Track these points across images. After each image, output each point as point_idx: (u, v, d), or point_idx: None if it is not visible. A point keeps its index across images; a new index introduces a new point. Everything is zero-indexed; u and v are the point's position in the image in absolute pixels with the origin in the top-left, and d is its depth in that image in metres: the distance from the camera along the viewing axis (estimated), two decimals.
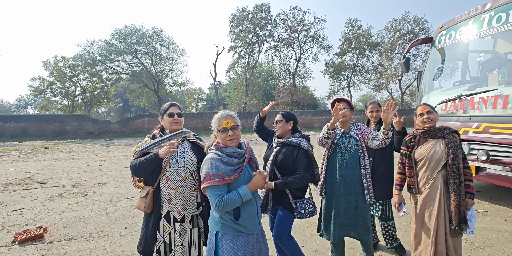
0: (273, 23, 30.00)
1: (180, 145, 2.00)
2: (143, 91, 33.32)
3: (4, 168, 8.32)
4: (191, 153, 1.99)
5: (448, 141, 2.12)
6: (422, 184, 2.19)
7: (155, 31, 29.95)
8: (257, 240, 1.70)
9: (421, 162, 2.20)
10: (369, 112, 2.87)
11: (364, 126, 2.51)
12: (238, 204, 1.53)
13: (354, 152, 2.39)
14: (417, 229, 2.21)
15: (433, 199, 2.12)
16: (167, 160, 1.90)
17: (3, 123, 20.92)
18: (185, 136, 2.06)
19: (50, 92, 27.91)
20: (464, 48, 4.61)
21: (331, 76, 32.32)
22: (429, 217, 2.13)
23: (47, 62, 27.19)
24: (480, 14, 4.13)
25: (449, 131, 2.17)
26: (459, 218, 2.02)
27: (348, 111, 2.41)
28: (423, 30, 27.87)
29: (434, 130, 2.20)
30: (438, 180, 2.12)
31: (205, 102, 53.49)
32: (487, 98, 3.74)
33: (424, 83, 5.11)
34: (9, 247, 3.14)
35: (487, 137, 3.65)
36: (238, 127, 1.68)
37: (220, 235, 1.60)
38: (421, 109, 2.26)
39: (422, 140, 2.26)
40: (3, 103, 62.91)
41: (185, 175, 1.91)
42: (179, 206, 1.90)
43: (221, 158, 1.58)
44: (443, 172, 2.11)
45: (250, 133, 21.39)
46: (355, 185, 2.36)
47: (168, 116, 2.02)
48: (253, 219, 1.63)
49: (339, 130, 2.47)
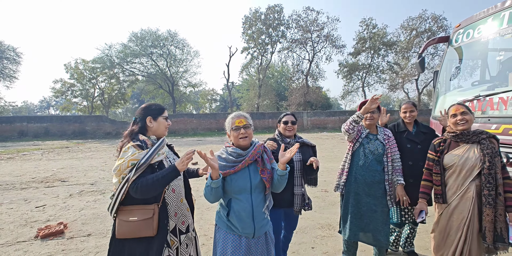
0: (285, 23, 29.94)
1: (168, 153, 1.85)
2: (158, 92, 34.06)
3: (28, 166, 8.75)
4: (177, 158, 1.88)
5: (484, 147, 1.89)
6: (451, 194, 1.98)
7: (169, 34, 30.57)
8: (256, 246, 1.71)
9: (451, 170, 1.99)
10: (402, 113, 2.74)
11: (392, 136, 2.48)
12: (209, 190, 1.60)
13: (378, 155, 2.35)
14: (440, 241, 2.02)
15: (463, 212, 1.91)
16: None
17: (27, 123, 21.96)
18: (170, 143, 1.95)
19: (71, 94, 29.11)
20: (483, 47, 4.45)
21: (344, 76, 31.85)
22: (456, 231, 1.93)
23: (68, 65, 28.34)
24: (499, 11, 3.98)
25: (486, 136, 1.94)
26: (494, 235, 1.80)
27: (376, 114, 2.40)
28: (442, 28, 26.98)
29: (468, 134, 1.97)
30: (470, 191, 1.91)
31: (218, 103, 54.02)
32: (507, 98, 3.60)
33: (440, 83, 4.97)
34: (32, 241, 3.31)
35: (507, 139, 3.50)
36: (250, 126, 1.76)
37: (217, 227, 1.77)
38: (455, 109, 2.03)
39: (453, 145, 2.03)
40: (28, 104, 65.95)
41: (181, 183, 1.83)
42: (184, 217, 1.79)
43: (220, 155, 1.76)
44: (477, 182, 1.90)
45: (263, 134, 21.43)
46: (375, 188, 2.34)
47: (165, 119, 1.81)
48: (242, 222, 1.65)
49: (364, 130, 2.44)
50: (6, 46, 28.09)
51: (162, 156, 1.68)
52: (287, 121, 2.38)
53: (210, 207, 4.46)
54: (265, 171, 1.71)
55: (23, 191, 5.64)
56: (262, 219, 1.71)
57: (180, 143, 16.02)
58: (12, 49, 28.43)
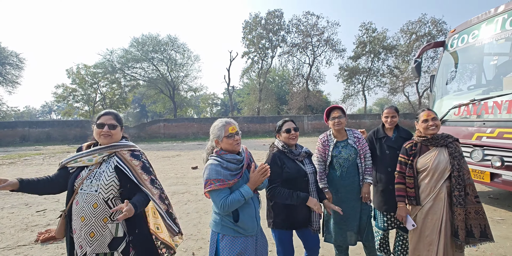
0: (286, 28, 30.19)
1: (104, 163, 1.65)
2: (159, 96, 34.26)
3: (29, 171, 8.80)
4: (110, 175, 1.61)
5: (452, 150, 2.00)
6: (425, 196, 2.07)
7: (170, 39, 30.90)
8: (257, 241, 1.79)
9: (425, 173, 2.07)
10: (384, 117, 2.70)
11: (361, 137, 2.50)
12: (242, 202, 1.62)
13: (352, 160, 2.37)
14: (417, 244, 2.09)
15: (436, 212, 2.01)
16: (82, 180, 1.59)
17: (29, 128, 22.11)
18: (115, 151, 1.67)
19: (72, 99, 29.33)
20: (478, 51, 4.52)
21: (345, 80, 31.95)
22: (432, 231, 2.02)
23: (70, 70, 28.62)
24: (493, 17, 4.05)
25: (452, 140, 2.05)
26: (467, 232, 1.93)
27: (343, 118, 2.40)
28: (441, 32, 27.12)
29: (437, 138, 2.07)
30: (442, 192, 2.00)
31: (219, 107, 54.24)
32: (501, 102, 3.65)
33: (437, 87, 5.03)
34: (32, 245, 3.35)
35: (502, 142, 3.54)
36: (240, 133, 1.80)
37: (220, 236, 1.70)
38: (426, 115, 2.11)
39: (424, 148, 2.12)
40: (30, 109, 66.39)
41: (96, 202, 1.54)
42: (82, 240, 1.54)
43: (220, 164, 1.66)
44: (447, 184, 2.00)
45: (263, 138, 21.46)
46: (356, 191, 2.39)
47: (97, 126, 1.65)
48: (252, 221, 1.72)
49: (331, 141, 2.44)
50: (9, 52, 28.47)
51: (79, 163, 1.62)
52: (290, 129, 2.13)
53: (208, 211, 4.48)
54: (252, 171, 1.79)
55: (24, 195, 5.68)
56: (258, 214, 1.83)
57: (181, 147, 16.07)
58: (15, 54, 28.81)
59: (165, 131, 23.98)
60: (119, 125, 1.72)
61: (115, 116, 1.72)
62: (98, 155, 1.63)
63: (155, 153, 13.11)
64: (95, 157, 1.62)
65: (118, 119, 1.72)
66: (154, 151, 14.31)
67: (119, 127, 1.71)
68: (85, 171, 1.61)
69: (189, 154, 12.55)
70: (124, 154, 1.69)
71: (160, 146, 17.46)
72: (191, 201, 5.07)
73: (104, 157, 1.65)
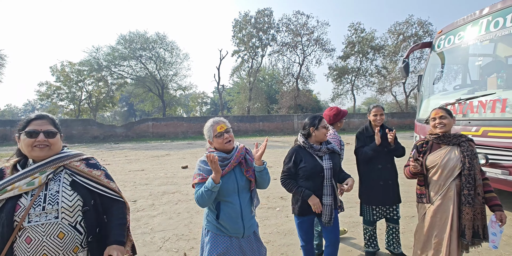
0: (276, 27, 30.26)
1: (52, 183, 1.28)
2: (148, 95, 33.70)
3: None
4: (72, 194, 1.29)
5: (464, 149, 1.99)
6: (434, 193, 2.07)
7: (158, 36, 30.41)
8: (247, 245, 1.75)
9: (433, 170, 2.07)
10: (372, 116, 2.78)
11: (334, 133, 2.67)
12: (210, 194, 1.59)
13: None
14: (426, 242, 2.07)
15: (446, 211, 1.99)
16: (26, 211, 1.20)
17: (11, 127, 21.30)
18: (64, 164, 1.33)
19: (57, 97, 28.48)
20: (464, 52, 4.64)
21: (334, 80, 32.37)
22: (442, 230, 2.00)
23: (54, 67, 27.80)
24: (478, 19, 4.16)
25: (465, 139, 2.04)
26: (473, 233, 1.92)
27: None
28: (427, 33, 27.85)
29: (449, 136, 2.07)
30: (451, 190, 2.00)
31: (209, 106, 53.87)
32: (485, 102, 3.76)
33: (424, 87, 5.14)
34: None
35: (486, 140, 3.65)
36: (231, 129, 1.79)
37: (205, 231, 1.77)
38: (434, 113, 2.14)
39: (435, 146, 2.13)
40: (11, 108, 64.08)
41: (61, 231, 1.24)
42: None
43: (205, 160, 1.73)
44: (457, 182, 1.99)
45: (253, 137, 21.47)
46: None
47: (27, 135, 1.26)
48: (233, 222, 1.70)
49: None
50: None
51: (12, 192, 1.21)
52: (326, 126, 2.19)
53: (199, 211, 4.44)
54: (250, 170, 1.78)
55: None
56: (250, 218, 1.78)
57: (170, 146, 15.87)
58: None
59: (154, 131, 23.61)
60: (59, 132, 1.35)
61: (52, 121, 1.34)
62: (39, 174, 1.25)
63: (143, 153, 12.90)
64: (36, 179, 1.24)
65: (55, 124, 1.35)
66: (143, 150, 14.08)
67: (58, 134, 1.34)
68: (26, 199, 1.23)
69: (178, 153, 12.40)
70: (78, 165, 1.36)
71: (149, 145, 17.18)
72: (181, 201, 5.01)
73: (49, 175, 1.27)
